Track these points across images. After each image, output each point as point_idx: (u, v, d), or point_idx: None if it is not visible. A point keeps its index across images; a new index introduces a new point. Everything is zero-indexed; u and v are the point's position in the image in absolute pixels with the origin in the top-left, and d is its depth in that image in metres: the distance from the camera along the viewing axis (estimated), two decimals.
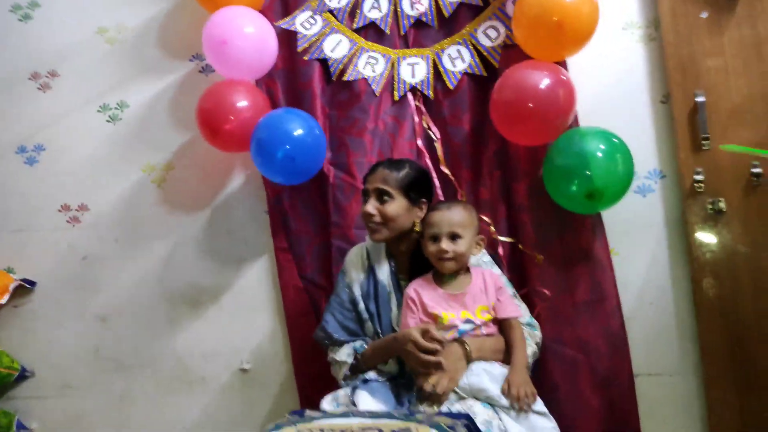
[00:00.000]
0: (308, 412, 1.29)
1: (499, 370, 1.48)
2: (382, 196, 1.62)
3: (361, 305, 1.68)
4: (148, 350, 2.17)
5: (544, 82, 1.68)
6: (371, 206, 1.63)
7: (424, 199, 1.67)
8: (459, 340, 1.49)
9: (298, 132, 1.86)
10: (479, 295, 1.54)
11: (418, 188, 1.66)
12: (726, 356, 1.78)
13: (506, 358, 1.53)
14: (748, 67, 1.77)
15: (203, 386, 2.13)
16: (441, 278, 1.58)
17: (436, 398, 1.41)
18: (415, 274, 1.64)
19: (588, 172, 1.65)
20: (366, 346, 1.64)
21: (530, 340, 1.61)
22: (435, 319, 1.51)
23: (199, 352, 2.14)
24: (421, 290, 1.56)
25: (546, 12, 1.66)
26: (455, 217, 1.55)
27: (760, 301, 1.76)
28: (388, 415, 1.22)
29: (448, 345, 1.48)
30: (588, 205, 1.73)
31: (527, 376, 1.48)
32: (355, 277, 1.72)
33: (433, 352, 1.44)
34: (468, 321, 1.51)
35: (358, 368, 1.62)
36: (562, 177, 1.72)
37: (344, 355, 1.65)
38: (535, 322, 1.68)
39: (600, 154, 1.67)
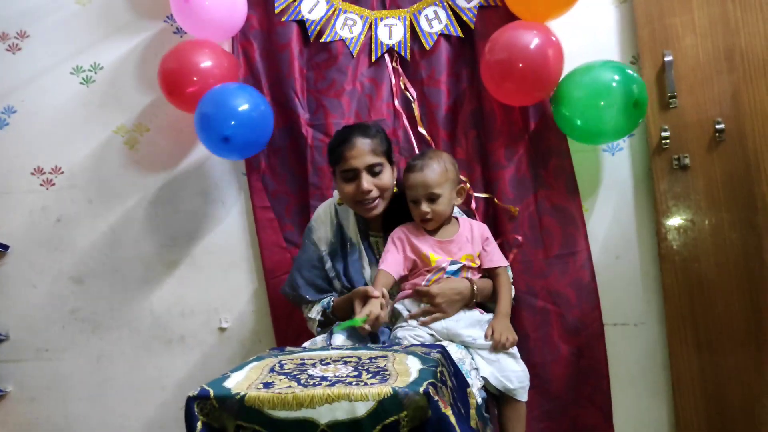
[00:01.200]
0: (288, 348, 1.33)
1: (477, 316, 1.54)
2: (373, 169, 1.58)
3: (329, 263, 1.69)
4: (125, 311, 2.17)
5: (535, 43, 1.71)
6: (368, 182, 1.57)
7: (394, 160, 1.69)
8: (469, 279, 1.54)
9: (243, 107, 1.83)
10: (465, 244, 1.58)
11: (391, 148, 1.68)
12: (687, 306, 1.86)
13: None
14: (714, 27, 1.83)
15: (182, 345, 2.14)
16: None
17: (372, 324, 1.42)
18: (390, 229, 1.65)
19: (628, 77, 1.68)
20: (332, 303, 1.66)
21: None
22: (423, 258, 1.54)
23: (177, 312, 2.15)
24: (409, 233, 1.59)
25: None
26: (429, 177, 1.53)
27: (720, 253, 1.84)
28: (365, 347, 1.26)
29: (455, 280, 1.53)
30: (633, 116, 1.70)
31: (509, 323, 1.54)
32: (323, 234, 1.72)
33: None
34: (454, 262, 1.55)
35: (327, 323, 1.66)
36: (601, 93, 1.69)
37: (315, 312, 1.68)
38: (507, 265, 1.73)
39: (631, 72, 1.71)
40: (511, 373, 1.48)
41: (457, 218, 1.65)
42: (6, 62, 2.28)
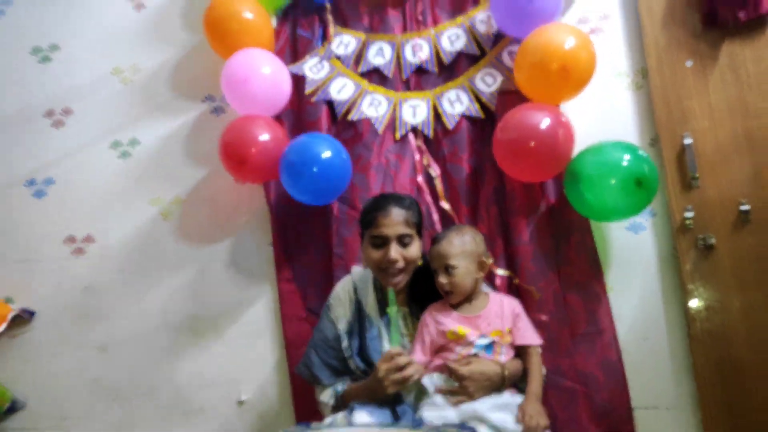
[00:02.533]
0: (314, 424, 1.29)
1: (506, 399, 1.49)
2: (403, 240, 1.60)
3: (345, 343, 1.66)
4: (147, 380, 2.16)
5: (545, 123, 1.77)
6: (396, 252, 1.57)
7: (423, 232, 1.71)
8: (501, 365, 1.50)
9: (326, 154, 1.92)
10: (494, 320, 1.56)
11: (422, 222, 1.70)
12: (721, 390, 1.80)
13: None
14: (731, 110, 1.88)
15: (201, 417, 2.11)
16: (457, 302, 1.59)
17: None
18: (417, 302, 1.65)
19: (635, 156, 1.70)
20: (346, 387, 1.61)
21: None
22: (449, 336, 1.52)
23: (198, 383, 2.13)
24: (436, 313, 1.58)
25: (550, 58, 1.76)
26: (445, 249, 1.56)
27: (753, 335, 1.79)
28: (394, 426, 1.22)
29: (487, 363, 1.49)
30: (636, 196, 1.71)
31: (541, 406, 1.49)
32: (341, 313, 1.70)
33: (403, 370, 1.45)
34: (483, 337, 1.52)
35: (340, 408, 1.59)
36: (604, 173, 1.71)
37: (327, 396, 1.64)
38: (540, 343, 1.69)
39: (639, 150, 1.74)
40: None
41: (487, 294, 1.64)
42: (49, 137, 2.39)
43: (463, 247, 1.57)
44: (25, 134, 2.41)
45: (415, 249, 1.62)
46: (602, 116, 2.02)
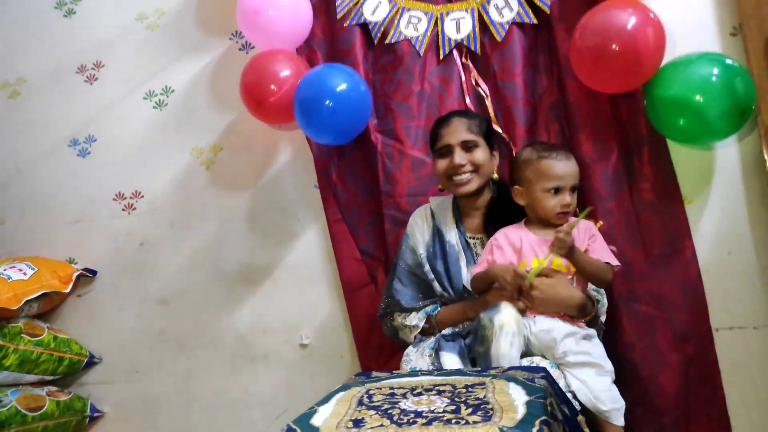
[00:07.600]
0: (375, 373, 1.25)
1: (573, 327, 1.41)
2: (467, 145, 1.58)
3: (426, 267, 1.64)
4: (209, 330, 2.18)
5: (632, 22, 1.56)
6: (461, 157, 1.57)
7: (496, 147, 1.66)
8: (583, 295, 1.45)
9: (341, 87, 1.79)
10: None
11: (492, 134, 1.67)
12: None
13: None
14: None
15: (265, 362, 2.13)
16: (532, 224, 1.53)
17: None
18: (493, 230, 1.57)
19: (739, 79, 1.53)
20: (438, 309, 1.61)
21: (603, 299, 1.55)
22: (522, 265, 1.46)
23: (260, 329, 2.14)
24: (512, 236, 1.51)
25: None
26: (574, 169, 1.51)
27: None
28: (458, 372, 1.16)
29: (567, 287, 1.43)
30: (734, 124, 1.56)
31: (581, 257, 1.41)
32: (419, 238, 1.68)
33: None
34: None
35: (428, 331, 1.60)
36: (710, 97, 1.53)
37: (415, 319, 1.62)
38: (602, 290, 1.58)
39: (738, 66, 1.56)
40: (602, 392, 1.33)
41: None
42: (85, 93, 2.36)
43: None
44: (61, 94, 2.38)
45: (481, 153, 1.59)
46: (676, 5, 1.78)
